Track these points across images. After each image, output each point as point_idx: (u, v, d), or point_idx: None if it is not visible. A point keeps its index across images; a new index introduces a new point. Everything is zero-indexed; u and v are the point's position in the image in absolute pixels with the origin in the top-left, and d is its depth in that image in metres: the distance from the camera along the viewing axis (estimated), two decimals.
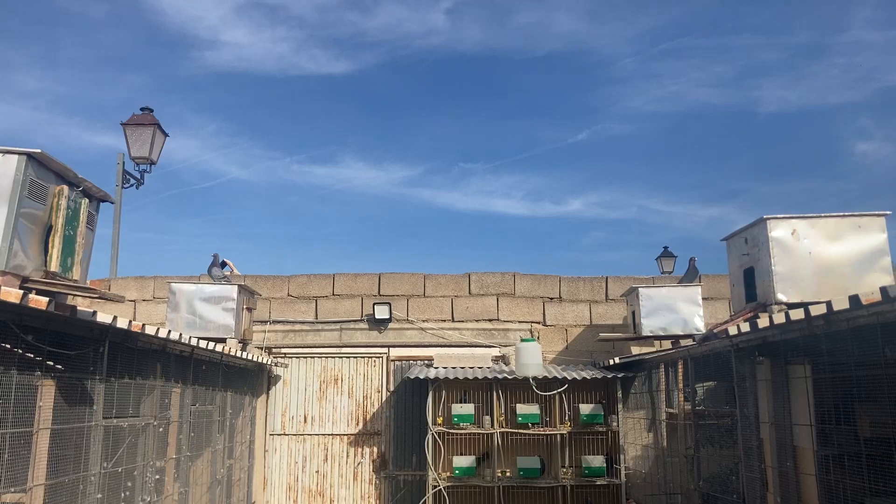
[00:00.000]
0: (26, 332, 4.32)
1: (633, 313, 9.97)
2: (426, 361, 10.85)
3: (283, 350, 10.99)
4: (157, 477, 6.51)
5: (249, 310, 9.39)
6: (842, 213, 6.15)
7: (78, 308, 4.19)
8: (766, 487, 6.39)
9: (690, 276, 10.06)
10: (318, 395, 10.97)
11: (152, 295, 11.16)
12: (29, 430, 4.45)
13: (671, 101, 46.79)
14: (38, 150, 4.12)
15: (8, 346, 4.18)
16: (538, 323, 11.18)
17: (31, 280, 4.23)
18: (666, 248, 20.25)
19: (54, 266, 4.31)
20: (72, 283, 4.50)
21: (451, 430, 9.71)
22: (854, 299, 4.26)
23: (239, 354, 8.63)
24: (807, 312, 4.85)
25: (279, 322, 11.04)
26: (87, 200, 4.67)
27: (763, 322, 5.54)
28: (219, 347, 7.79)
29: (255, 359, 9.37)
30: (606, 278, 11.35)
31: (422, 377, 9.67)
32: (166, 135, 12.59)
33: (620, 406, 9.86)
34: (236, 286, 8.87)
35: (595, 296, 11.27)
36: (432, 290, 11.23)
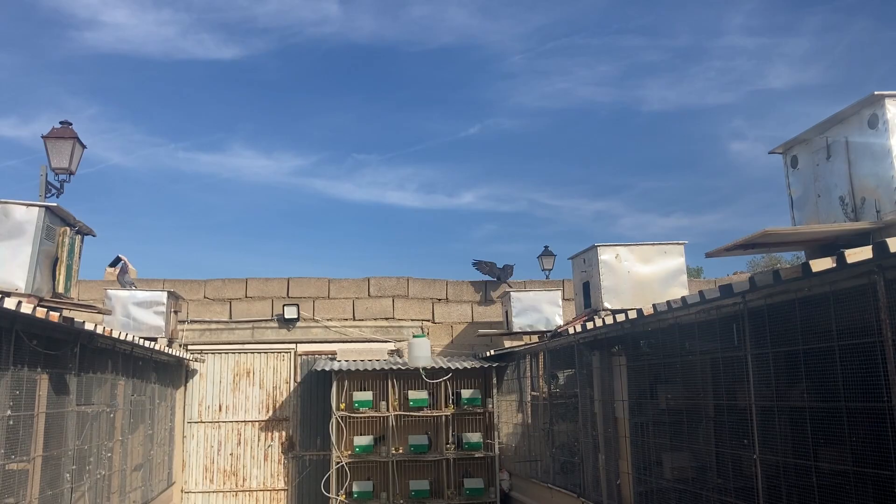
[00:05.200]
0: (31, 339, 5.63)
1: (507, 312, 11.87)
2: (330, 355, 12.38)
3: (200, 347, 12.23)
4: (109, 455, 7.80)
5: (176, 312, 10.63)
6: (652, 242, 8.22)
7: (74, 318, 5.52)
8: (597, 449, 8.37)
9: (504, 275, 12.56)
10: (232, 386, 12.29)
11: (77, 297, 12.11)
12: (32, 413, 5.75)
13: (559, 97, 49.75)
14: (55, 204, 5.43)
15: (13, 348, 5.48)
16: (428, 321, 12.93)
17: (45, 300, 5.50)
18: (546, 247, 22.52)
19: (61, 288, 5.60)
20: (72, 301, 5.78)
21: (352, 415, 11.31)
22: (639, 312, 6.21)
23: (167, 352, 9.90)
24: (614, 318, 6.79)
25: (196, 322, 12.27)
26: (80, 237, 5.95)
27: (590, 325, 7.48)
28: (152, 346, 9.06)
29: (177, 354, 10.63)
30: (486, 283, 13.23)
31: (327, 369, 11.22)
32: (84, 147, 13.48)
33: (495, 391, 11.77)
34: (166, 292, 10.12)
35: (476, 297, 13.14)
36: (336, 292, 12.77)
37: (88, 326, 5.85)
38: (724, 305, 5.43)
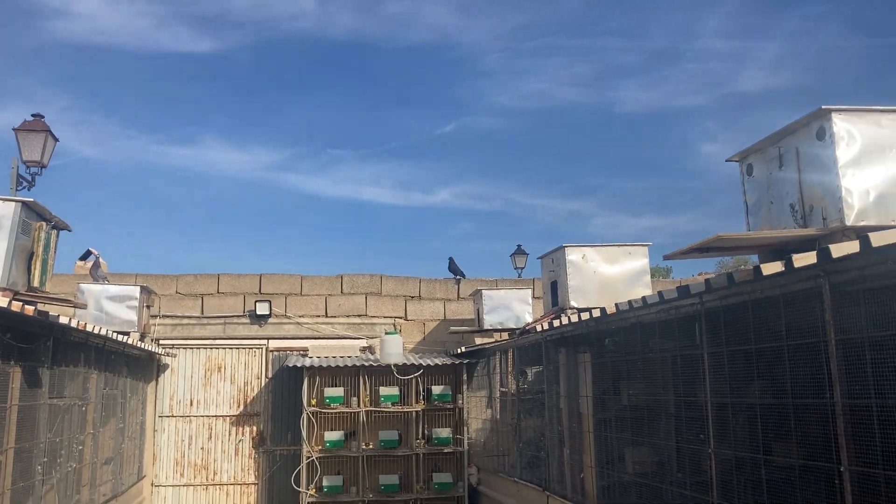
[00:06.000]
0: (5, 332, 5.69)
1: (478, 310, 12.06)
2: (302, 352, 12.47)
3: (172, 341, 12.24)
4: (80, 448, 7.85)
5: (148, 307, 10.66)
6: (617, 244, 8.47)
7: (49, 312, 5.59)
8: (563, 444, 8.60)
9: (453, 270, 13.15)
10: (204, 381, 12.34)
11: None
12: (5, 406, 5.81)
13: (536, 97, 50.05)
14: (31, 200, 5.49)
15: None
16: (401, 318, 13.08)
17: (20, 294, 5.56)
18: (519, 245, 22.81)
19: (36, 282, 5.66)
20: (47, 294, 5.84)
21: (323, 410, 11.43)
22: (603, 311, 6.42)
23: (139, 346, 9.94)
24: (579, 317, 7.01)
25: (168, 316, 12.30)
26: (56, 231, 6.02)
27: (557, 322, 7.69)
28: (125, 340, 9.11)
29: (149, 349, 10.66)
30: (458, 280, 13.42)
31: (298, 365, 11.33)
32: (56, 140, 13.41)
33: (465, 387, 11.96)
34: (139, 287, 10.16)
35: (448, 295, 13.32)
36: (308, 289, 12.87)
37: (63, 320, 5.92)
38: (682, 306, 5.66)
